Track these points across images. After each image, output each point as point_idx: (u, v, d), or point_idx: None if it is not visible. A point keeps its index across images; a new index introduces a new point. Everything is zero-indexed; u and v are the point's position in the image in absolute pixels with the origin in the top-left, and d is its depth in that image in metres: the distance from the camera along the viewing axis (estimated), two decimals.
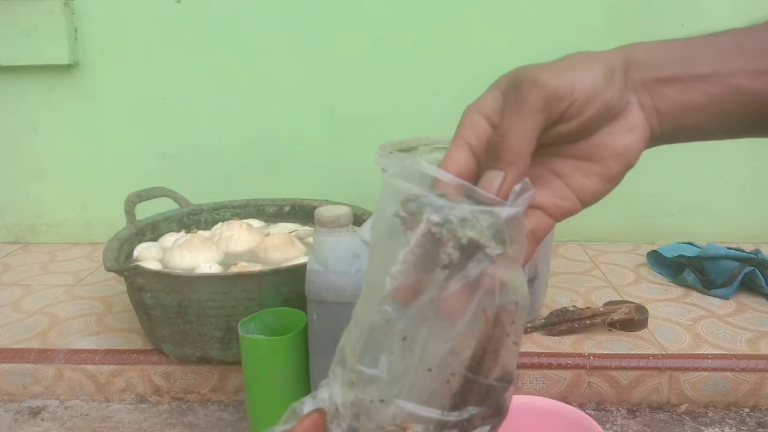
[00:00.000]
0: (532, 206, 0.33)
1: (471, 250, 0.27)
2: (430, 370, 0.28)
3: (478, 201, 0.29)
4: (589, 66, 0.31)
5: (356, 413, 0.29)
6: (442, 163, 0.32)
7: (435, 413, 0.28)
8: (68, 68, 1.38)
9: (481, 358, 0.28)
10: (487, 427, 0.29)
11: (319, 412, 0.29)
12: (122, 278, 0.91)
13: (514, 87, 0.31)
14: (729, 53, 0.32)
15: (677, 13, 1.30)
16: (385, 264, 0.28)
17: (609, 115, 0.32)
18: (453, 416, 0.28)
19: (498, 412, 0.29)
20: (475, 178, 0.32)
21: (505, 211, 0.28)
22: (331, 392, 0.30)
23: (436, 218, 0.27)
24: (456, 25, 1.33)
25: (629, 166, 0.34)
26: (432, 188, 0.30)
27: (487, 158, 0.31)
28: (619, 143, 0.33)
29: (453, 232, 0.27)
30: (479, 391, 0.29)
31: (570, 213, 0.35)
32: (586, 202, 0.34)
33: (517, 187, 0.29)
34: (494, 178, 0.31)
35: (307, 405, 0.30)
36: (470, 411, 0.28)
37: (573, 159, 0.34)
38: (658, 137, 0.34)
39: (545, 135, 0.31)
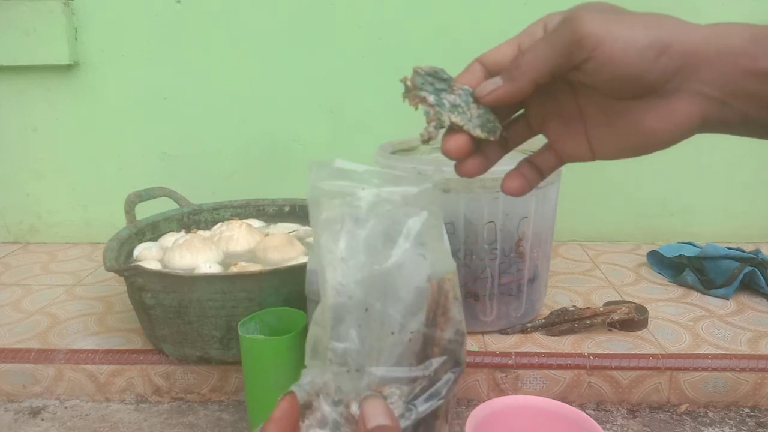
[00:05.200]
0: (547, 146, 0.36)
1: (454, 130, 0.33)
2: (393, 333, 0.32)
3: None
4: (639, 34, 0.30)
5: (338, 385, 0.32)
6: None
7: (403, 371, 0.32)
8: (68, 68, 1.38)
9: (434, 316, 0.32)
10: (451, 376, 0.33)
11: (291, 394, 0.32)
12: (122, 278, 0.91)
13: (561, 17, 0.32)
14: None
15: (677, 13, 1.30)
16: (333, 251, 0.31)
17: (637, 90, 0.31)
18: (419, 370, 0.32)
19: (457, 363, 0.33)
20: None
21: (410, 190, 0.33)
22: (312, 376, 0.33)
23: (431, 98, 0.32)
24: (456, 25, 1.33)
25: (652, 147, 0.33)
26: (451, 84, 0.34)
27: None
28: (647, 123, 0.32)
29: (438, 114, 0.32)
30: (438, 344, 0.33)
31: (580, 160, 0.36)
32: (597, 157, 0.35)
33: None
34: (489, 84, 0.33)
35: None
36: (433, 364, 0.32)
37: (601, 113, 0.33)
38: (717, 126, 0.32)
39: (573, 76, 0.32)
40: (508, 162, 0.39)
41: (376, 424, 0.29)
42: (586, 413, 0.59)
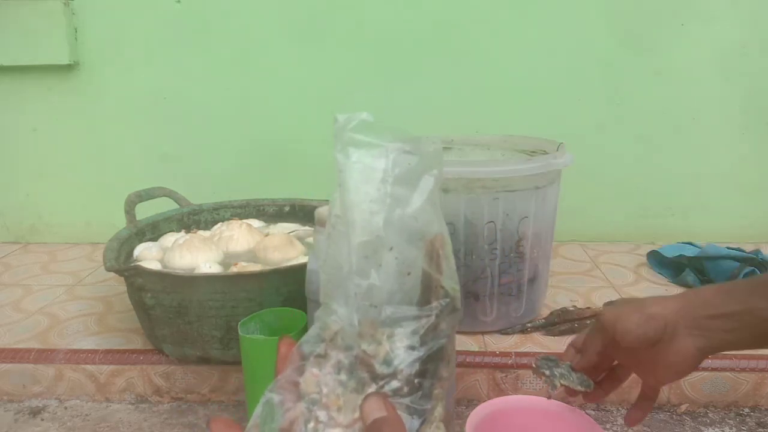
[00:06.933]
0: (642, 392, 0.58)
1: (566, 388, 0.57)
2: (409, 274, 0.36)
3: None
4: (633, 315, 0.51)
5: (359, 318, 0.35)
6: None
7: (412, 310, 0.36)
8: (68, 68, 1.38)
9: (435, 264, 0.37)
10: (450, 320, 0.37)
11: (287, 338, 0.38)
12: (122, 278, 0.91)
13: (595, 322, 0.56)
14: (753, 294, 0.48)
15: (677, 13, 1.30)
16: (363, 193, 0.35)
17: (649, 342, 0.51)
18: (425, 311, 0.36)
19: (455, 309, 0.37)
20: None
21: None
22: (320, 327, 0.36)
23: (547, 372, 0.56)
24: (456, 26, 1.33)
25: (679, 374, 0.53)
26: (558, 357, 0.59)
27: None
28: (667, 359, 0.51)
29: (552, 380, 0.56)
30: (437, 287, 0.36)
31: (655, 387, 0.58)
32: (658, 384, 0.57)
33: None
34: (576, 368, 0.57)
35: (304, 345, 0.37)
36: (436, 307, 0.36)
37: (644, 361, 0.54)
38: (710, 350, 0.50)
39: (614, 348, 0.55)
40: None
41: (373, 418, 0.31)
42: (586, 413, 0.60)
